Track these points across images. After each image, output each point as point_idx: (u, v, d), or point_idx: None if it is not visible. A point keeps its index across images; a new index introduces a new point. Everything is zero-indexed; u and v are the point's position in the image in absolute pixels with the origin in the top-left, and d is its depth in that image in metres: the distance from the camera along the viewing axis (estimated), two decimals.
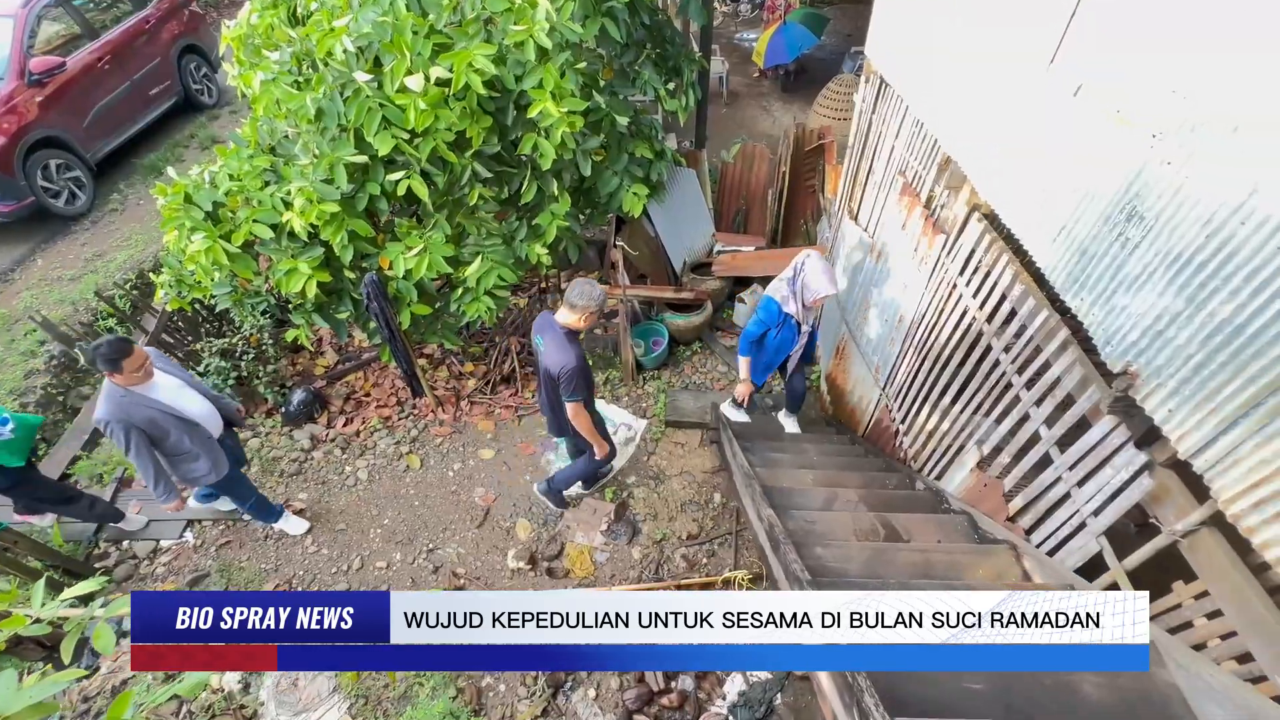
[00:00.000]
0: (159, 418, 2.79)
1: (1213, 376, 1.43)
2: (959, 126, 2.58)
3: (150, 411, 2.76)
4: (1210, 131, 1.42)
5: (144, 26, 6.61)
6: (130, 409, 2.70)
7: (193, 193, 3.28)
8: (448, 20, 3.07)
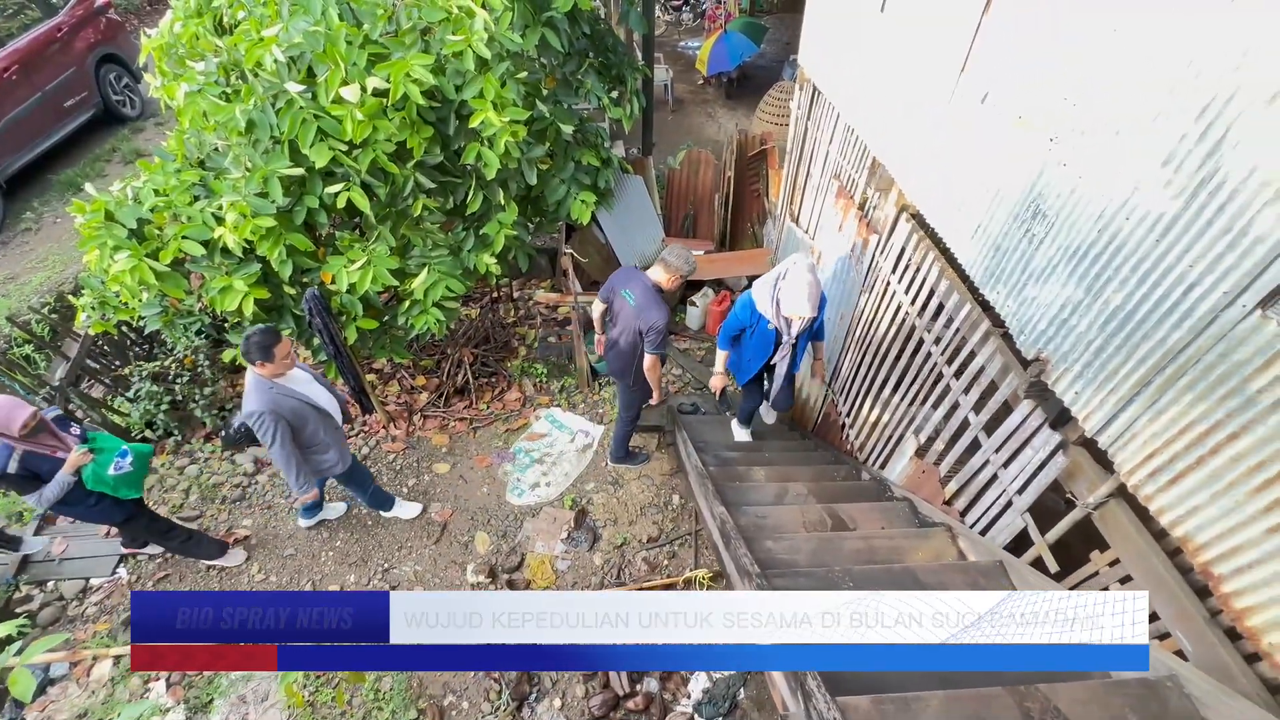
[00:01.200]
0: (300, 408, 2.89)
1: (1110, 359, 1.56)
2: (884, 131, 2.72)
3: (294, 402, 2.85)
4: (1097, 135, 1.55)
5: (55, 34, 6.24)
6: (278, 400, 2.77)
7: (114, 210, 3.12)
8: (383, 30, 3.03)
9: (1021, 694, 1.31)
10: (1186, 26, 1.31)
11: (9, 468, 2.64)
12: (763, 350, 3.20)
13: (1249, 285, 1.22)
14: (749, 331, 3.17)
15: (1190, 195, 1.32)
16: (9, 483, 2.72)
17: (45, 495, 2.75)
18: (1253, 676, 1.37)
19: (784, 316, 2.90)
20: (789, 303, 2.80)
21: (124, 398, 4.33)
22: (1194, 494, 1.37)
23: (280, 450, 2.84)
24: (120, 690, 3.18)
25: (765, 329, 3.05)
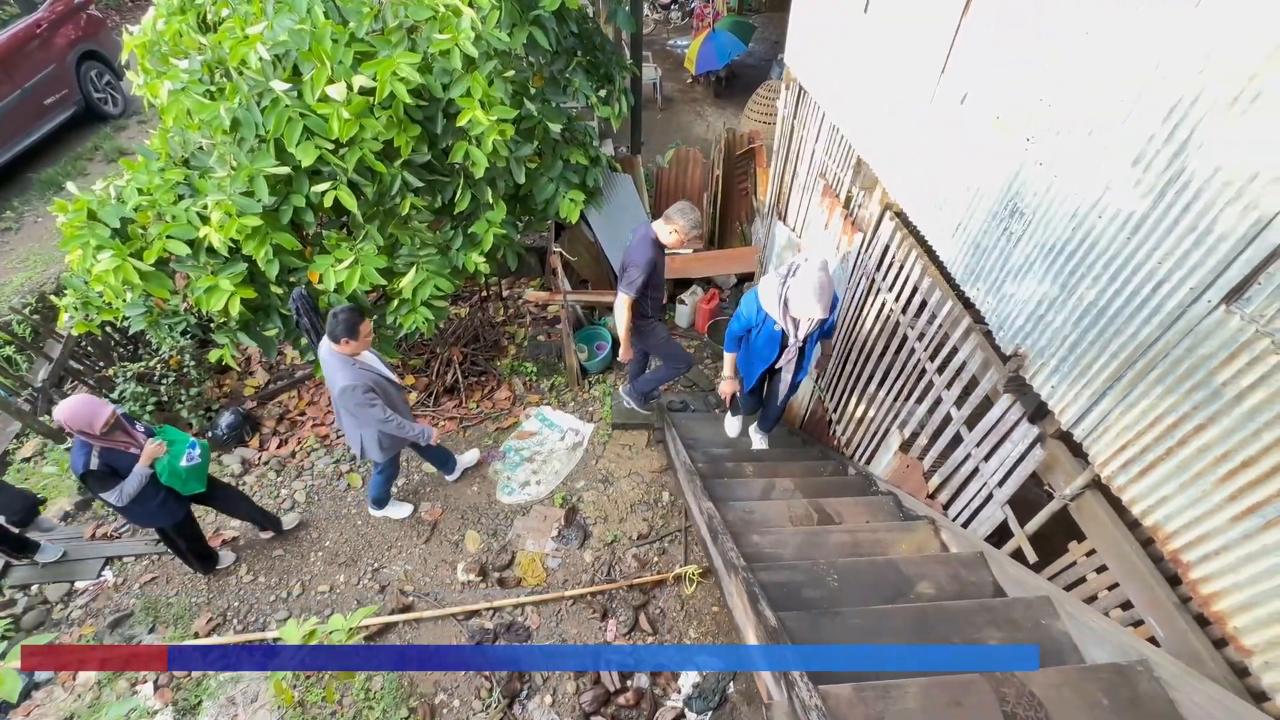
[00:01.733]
0: (380, 381, 3.07)
1: (1084, 354, 1.60)
2: (868, 130, 2.76)
3: (373, 376, 3.03)
4: (1071, 135, 1.59)
5: (35, 31, 6.14)
6: (363, 375, 2.95)
7: (97, 209, 3.09)
8: (369, 28, 3.02)
9: (998, 680, 1.34)
10: (1154, 30, 1.34)
11: (91, 464, 2.70)
12: (767, 353, 2.93)
13: (1213, 281, 1.26)
14: (754, 332, 2.92)
15: (1158, 194, 1.36)
16: (92, 480, 2.75)
17: (125, 490, 2.80)
18: (1220, 660, 1.42)
19: (791, 317, 2.66)
20: (798, 302, 2.53)
21: (109, 398, 4.29)
22: (1163, 484, 1.41)
23: (383, 413, 3.04)
24: (107, 693, 3.16)
25: (771, 329, 2.80)
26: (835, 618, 1.61)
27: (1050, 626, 1.67)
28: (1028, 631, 1.64)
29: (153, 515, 3.08)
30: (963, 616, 1.67)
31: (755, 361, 3.04)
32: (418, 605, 3.59)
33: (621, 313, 3.31)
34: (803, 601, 1.79)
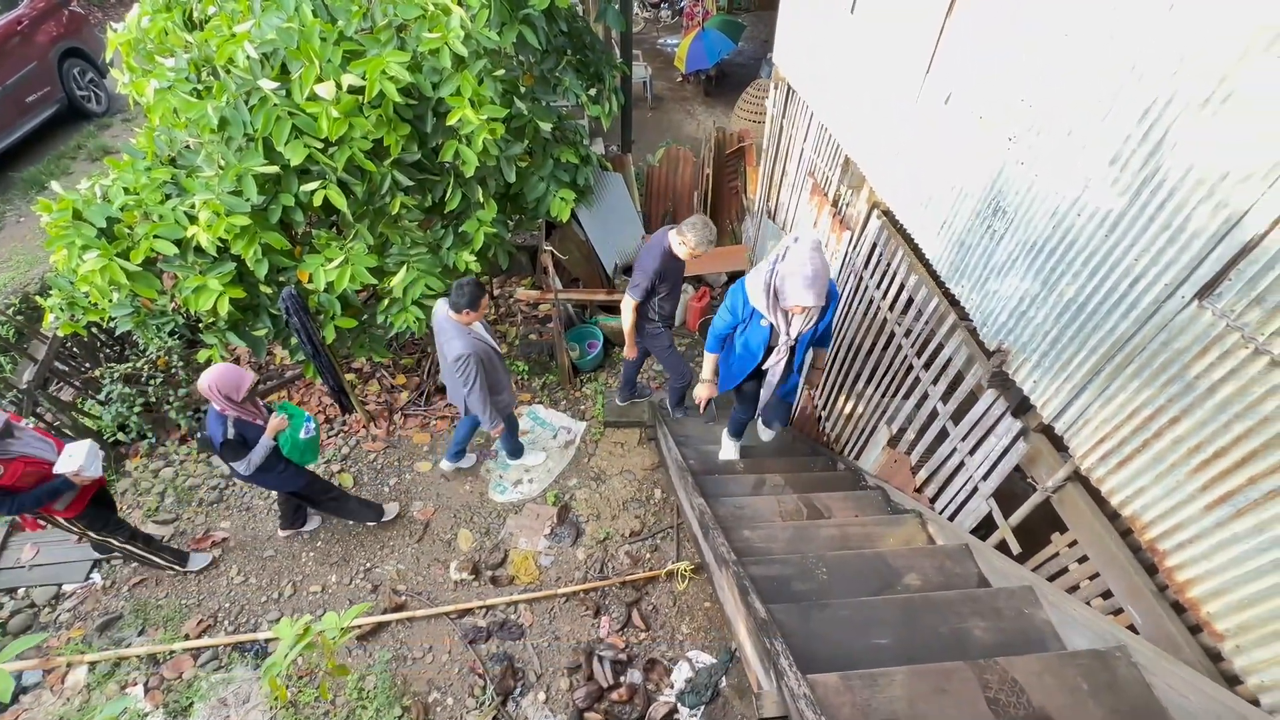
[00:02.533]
0: (489, 352, 3.23)
1: (1064, 349, 1.64)
2: (855, 129, 2.79)
3: (484, 347, 3.20)
4: (1051, 135, 1.62)
5: (15, 27, 6.05)
6: (476, 345, 3.11)
7: (83, 208, 3.07)
8: (358, 27, 3.01)
9: (981, 667, 1.38)
10: (1129, 33, 1.38)
11: (228, 434, 2.83)
12: (755, 351, 2.62)
13: (1187, 277, 1.30)
14: (740, 329, 2.61)
15: (1135, 193, 1.39)
16: (227, 450, 2.88)
17: (252, 460, 2.93)
18: (1195, 646, 1.46)
19: (782, 310, 2.35)
20: (788, 291, 2.21)
21: (95, 400, 4.25)
22: (1140, 475, 1.45)
23: (478, 391, 3.20)
24: (96, 697, 3.14)
25: (759, 325, 2.50)
26: (824, 609, 1.64)
27: (1033, 615, 1.71)
28: (1011, 620, 1.68)
29: (278, 481, 3.27)
30: (948, 607, 1.70)
31: (741, 360, 2.73)
32: (410, 604, 3.59)
33: (625, 314, 3.39)
34: (792, 594, 1.82)
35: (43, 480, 2.80)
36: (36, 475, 2.78)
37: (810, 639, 1.48)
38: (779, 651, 1.32)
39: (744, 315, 2.54)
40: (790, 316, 2.37)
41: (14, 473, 2.71)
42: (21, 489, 2.74)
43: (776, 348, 2.55)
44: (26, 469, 2.76)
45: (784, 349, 2.52)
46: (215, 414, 2.83)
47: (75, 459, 2.84)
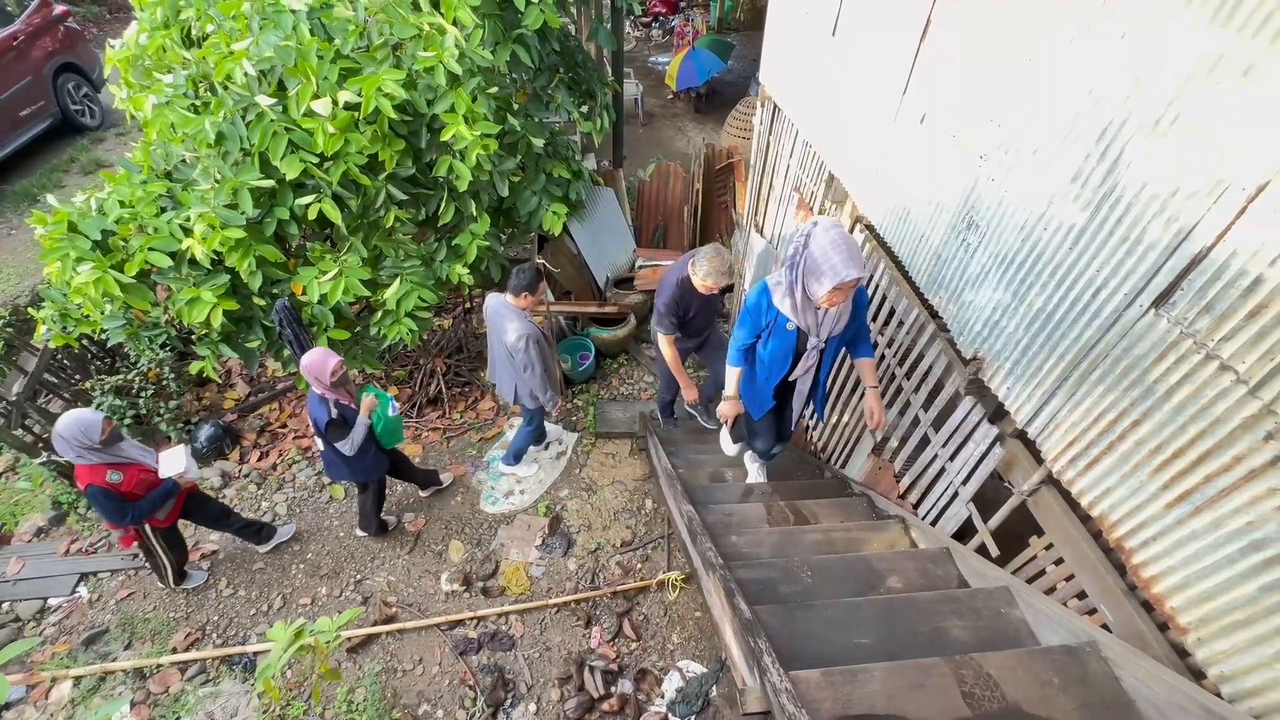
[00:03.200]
0: (542, 338, 3.36)
1: (1035, 357, 1.71)
2: (838, 147, 2.88)
3: (539, 330, 3.35)
4: (1019, 153, 1.71)
5: (11, 43, 6.10)
6: (534, 327, 3.27)
7: (78, 221, 3.10)
8: (354, 45, 3.09)
9: (957, 663, 1.42)
10: (1087, 59, 1.47)
11: (331, 414, 3.00)
12: (781, 360, 2.33)
13: (1144, 287, 1.37)
14: (763, 339, 2.33)
15: (1095, 208, 1.47)
16: (332, 430, 3.01)
17: (354, 439, 3.05)
18: (1164, 643, 1.51)
19: (814, 307, 2.06)
20: (824, 271, 1.90)
21: None
22: (1107, 476, 1.51)
23: (539, 372, 3.35)
24: (81, 712, 3.11)
25: (784, 329, 2.23)
26: (809, 610, 1.68)
27: (1009, 615, 1.76)
28: (988, 620, 1.73)
29: (370, 466, 3.35)
30: (928, 607, 1.75)
31: (769, 372, 2.38)
32: (401, 616, 3.59)
33: (664, 350, 3.35)
34: (778, 596, 1.86)
35: (151, 487, 2.93)
36: (146, 483, 2.92)
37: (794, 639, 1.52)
38: (762, 650, 1.36)
39: (768, 318, 2.27)
40: (821, 315, 2.11)
41: (131, 479, 2.84)
42: (138, 495, 2.86)
43: (805, 354, 2.25)
44: (140, 475, 2.88)
45: (814, 354, 2.24)
46: (316, 398, 2.98)
47: (178, 462, 2.99)
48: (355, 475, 3.40)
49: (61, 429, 2.67)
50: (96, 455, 2.71)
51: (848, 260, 1.87)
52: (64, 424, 2.68)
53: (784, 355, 2.30)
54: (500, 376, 3.68)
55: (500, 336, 3.39)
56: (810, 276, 1.96)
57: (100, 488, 2.73)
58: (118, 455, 2.83)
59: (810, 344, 2.22)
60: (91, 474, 2.72)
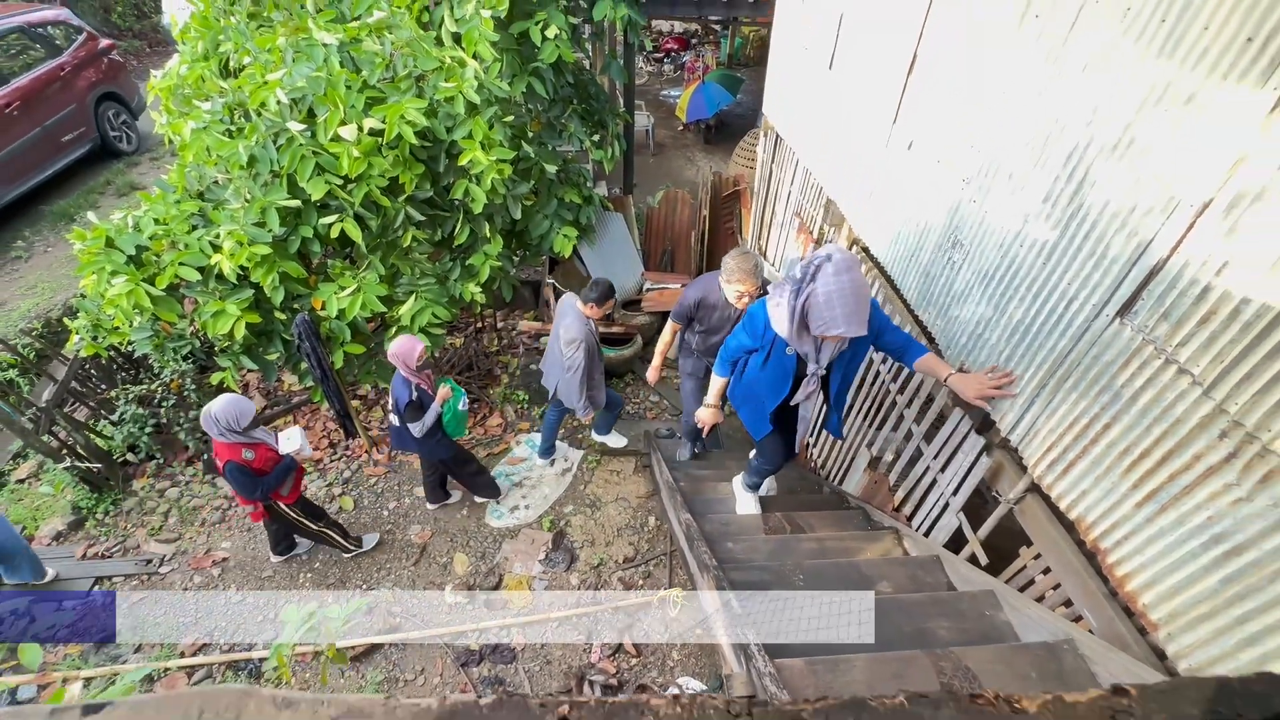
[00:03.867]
0: (596, 347, 3.56)
1: (1015, 366, 1.79)
2: (835, 173, 3.02)
3: (595, 339, 3.55)
4: (997, 176, 1.82)
5: (58, 74, 6.49)
6: (590, 335, 3.47)
7: (115, 236, 3.29)
8: (380, 76, 3.30)
9: (938, 656, 1.47)
10: (1054, 90, 1.59)
11: (413, 395, 3.25)
12: (779, 384, 2.22)
13: (1110, 298, 1.46)
14: (761, 357, 2.21)
15: (1065, 225, 1.58)
16: (410, 410, 3.27)
17: (425, 422, 3.32)
18: (1144, 644, 1.55)
19: (811, 336, 1.97)
20: (823, 318, 1.83)
21: (108, 421, 4.39)
22: (1082, 479, 1.58)
23: (580, 375, 3.52)
24: None
25: (783, 354, 2.13)
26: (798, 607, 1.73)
27: (994, 617, 1.80)
28: (973, 621, 1.77)
29: (435, 448, 3.62)
30: (915, 608, 1.80)
31: (766, 395, 2.28)
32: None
33: (664, 334, 3.49)
34: None
35: (274, 464, 3.20)
36: (272, 460, 3.19)
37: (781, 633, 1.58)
38: (749, 639, 1.42)
39: (764, 342, 2.15)
40: (821, 343, 2.01)
41: (262, 457, 3.11)
42: (267, 472, 3.14)
43: (805, 379, 2.12)
44: (267, 454, 3.15)
45: (814, 380, 2.10)
46: (402, 380, 3.25)
47: (295, 441, 3.22)
48: (423, 451, 3.68)
49: (217, 411, 2.93)
50: (236, 436, 3.00)
51: (849, 317, 1.77)
52: (220, 406, 2.95)
53: (783, 379, 2.20)
54: (548, 368, 3.91)
55: (557, 336, 3.63)
56: (810, 314, 1.87)
57: (237, 464, 3.02)
58: (251, 437, 3.10)
59: (810, 370, 2.08)
60: (230, 451, 3.01)
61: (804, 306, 1.87)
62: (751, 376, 2.31)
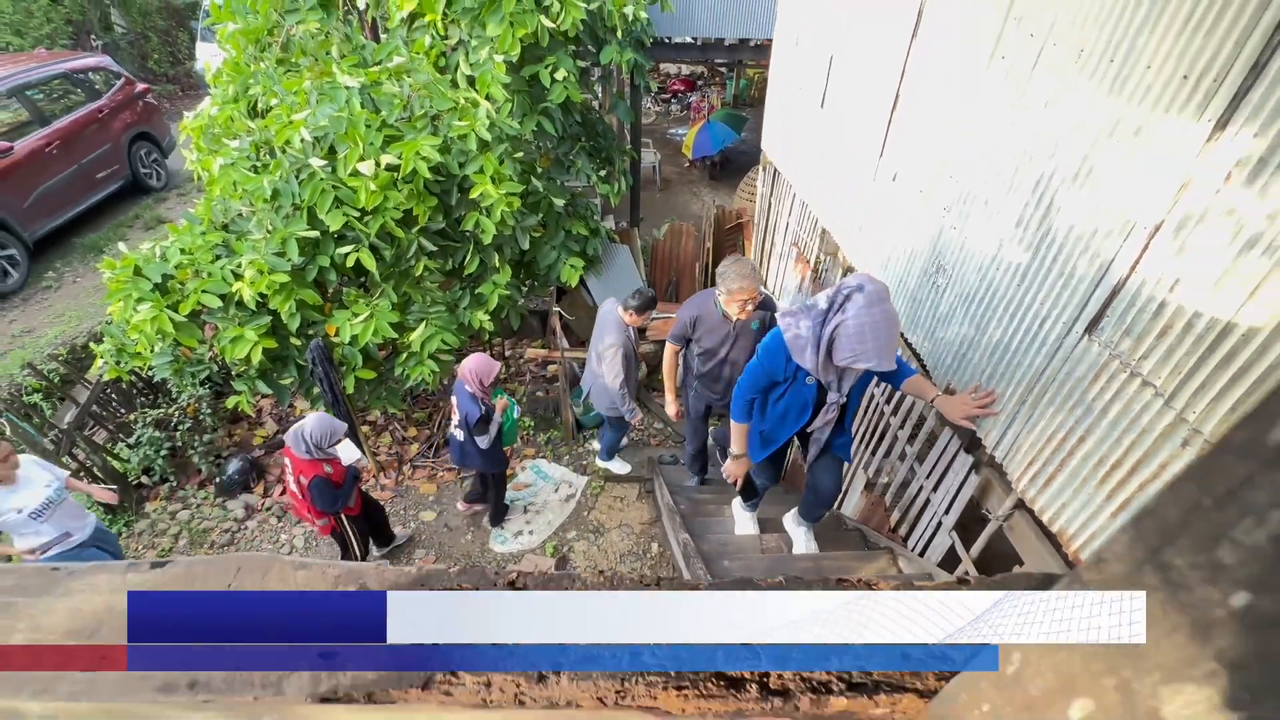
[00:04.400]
0: (633, 354, 3.68)
1: (997, 385, 1.86)
2: (828, 204, 3.15)
3: (633, 347, 3.68)
4: (974, 204, 1.92)
5: (96, 115, 6.87)
6: (628, 341, 3.61)
7: (143, 265, 3.47)
8: (398, 116, 3.51)
9: None
10: (1021, 125, 1.70)
11: (483, 410, 3.44)
12: (798, 414, 2.20)
13: (1079, 316, 1.54)
14: (779, 390, 2.17)
15: (1036, 249, 1.67)
16: (480, 424, 3.46)
17: (491, 432, 3.54)
18: None
19: (836, 364, 1.90)
20: (853, 350, 1.79)
21: (125, 444, 4.51)
22: (1062, 492, 1.62)
23: (625, 377, 3.63)
24: None
25: (803, 385, 2.09)
26: None
27: None
28: None
29: (496, 460, 3.79)
30: None
31: (783, 424, 2.25)
32: None
33: (665, 360, 3.33)
34: None
35: (344, 477, 3.38)
36: (342, 473, 3.38)
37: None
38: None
39: (783, 374, 2.09)
40: (844, 371, 1.97)
41: (337, 471, 3.31)
42: (339, 485, 3.32)
43: (825, 407, 2.10)
44: (338, 468, 3.34)
45: (834, 409, 2.09)
46: (469, 396, 3.42)
47: (353, 451, 3.47)
48: (486, 466, 3.81)
49: (310, 429, 3.11)
50: (320, 453, 3.19)
51: (880, 350, 1.75)
52: (313, 425, 3.13)
53: (801, 409, 2.17)
54: (587, 374, 4.08)
55: (598, 340, 3.74)
56: (838, 345, 1.82)
57: (321, 478, 3.21)
58: (328, 453, 3.27)
59: (830, 399, 2.06)
60: (314, 468, 3.19)
61: (831, 336, 1.83)
62: (767, 408, 2.24)
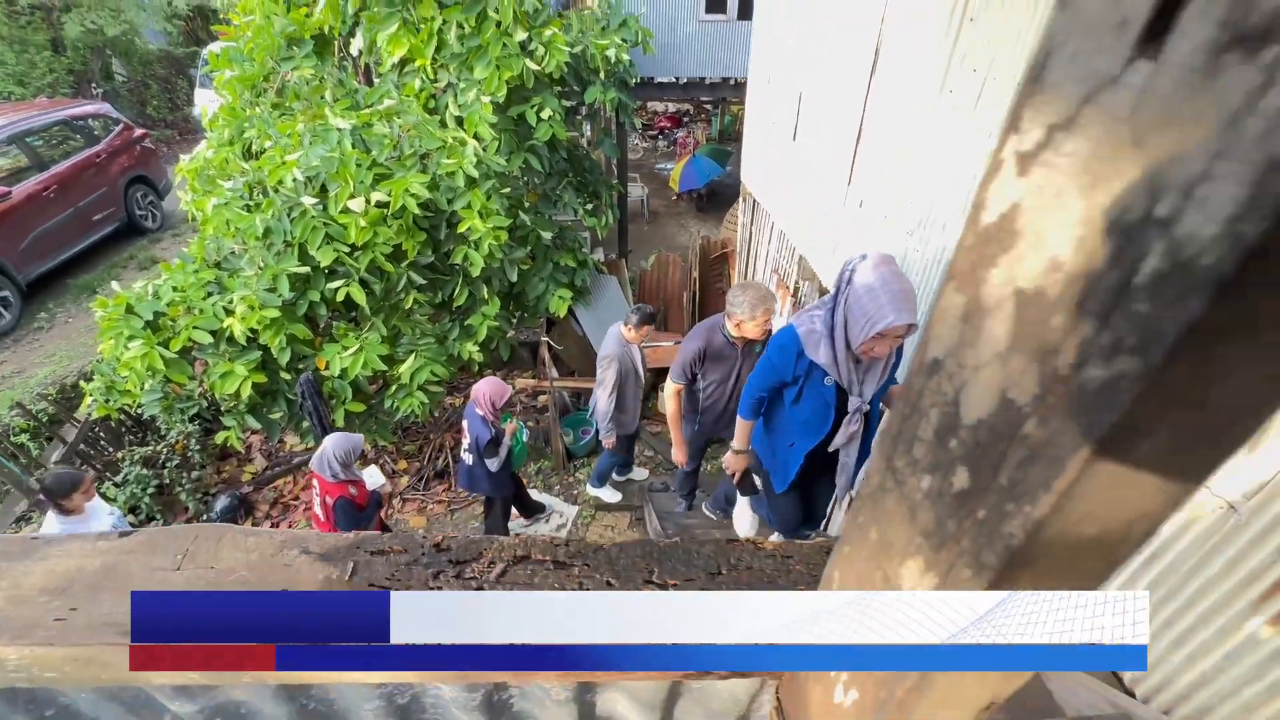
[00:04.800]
0: (631, 371, 3.66)
1: None
2: (803, 231, 3.26)
3: (630, 364, 3.64)
4: (932, 226, 2.02)
5: (94, 160, 7.02)
6: (624, 355, 3.57)
7: (135, 303, 3.52)
8: (388, 155, 3.63)
9: None
10: (970, 151, 1.81)
11: (494, 434, 3.44)
12: (818, 424, 1.91)
13: None
14: (793, 392, 1.90)
15: None
16: (489, 447, 3.46)
17: (501, 455, 3.53)
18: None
19: (855, 355, 1.69)
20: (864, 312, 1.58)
21: (111, 483, 4.48)
22: None
23: (608, 392, 3.60)
24: None
25: (820, 385, 1.83)
26: None
27: None
28: None
29: (502, 483, 3.73)
30: None
31: (797, 438, 1.96)
32: None
33: (666, 401, 2.91)
34: None
35: (367, 499, 3.37)
36: (366, 495, 3.36)
37: None
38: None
39: (793, 371, 1.84)
40: (865, 367, 1.76)
41: (361, 493, 3.30)
42: (363, 507, 3.31)
43: (847, 417, 1.83)
44: (362, 489, 3.33)
45: (858, 417, 1.80)
46: (480, 419, 3.42)
47: (378, 476, 3.52)
48: (494, 490, 3.78)
49: (334, 448, 3.09)
50: (346, 473, 3.19)
51: (898, 302, 1.51)
52: (334, 444, 3.10)
53: (821, 418, 1.87)
54: (592, 396, 4.04)
55: (599, 358, 3.76)
56: (851, 319, 1.60)
57: (346, 499, 3.18)
58: (353, 474, 3.27)
59: (852, 405, 1.79)
60: (339, 489, 3.17)
61: (843, 315, 1.63)
62: (782, 417, 1.97)
